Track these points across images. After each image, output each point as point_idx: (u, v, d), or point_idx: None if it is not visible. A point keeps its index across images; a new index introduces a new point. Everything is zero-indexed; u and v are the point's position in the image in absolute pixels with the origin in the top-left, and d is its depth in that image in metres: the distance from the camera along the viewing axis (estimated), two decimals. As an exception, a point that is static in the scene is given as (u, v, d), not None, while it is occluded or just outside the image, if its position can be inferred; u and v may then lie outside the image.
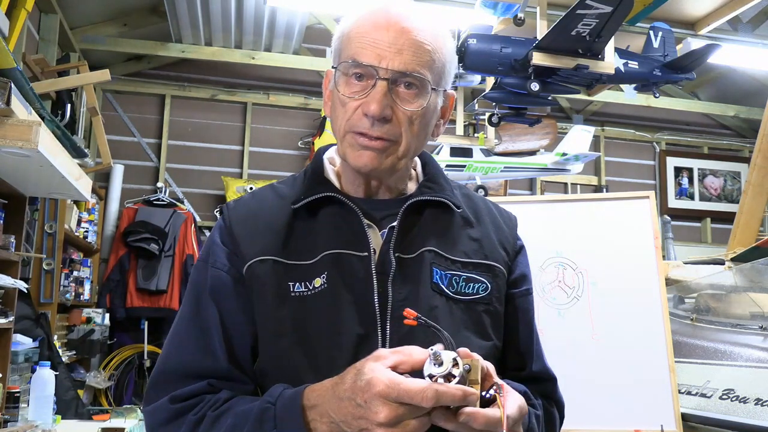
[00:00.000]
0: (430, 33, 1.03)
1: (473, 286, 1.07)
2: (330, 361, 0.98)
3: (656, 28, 4.94)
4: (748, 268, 3.41)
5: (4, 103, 2.09)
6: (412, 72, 1.01)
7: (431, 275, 1.05)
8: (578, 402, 2.57)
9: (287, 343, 1.01)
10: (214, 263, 1.07)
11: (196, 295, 1.07)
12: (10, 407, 2.61)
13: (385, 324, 1.01)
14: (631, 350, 2.59)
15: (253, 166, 6.05)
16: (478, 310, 1.07)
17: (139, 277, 5.23)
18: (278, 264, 1.04)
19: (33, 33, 4.36)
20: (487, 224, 1.15)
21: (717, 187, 7.22)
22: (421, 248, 1.06)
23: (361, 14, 1.05)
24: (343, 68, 1.03)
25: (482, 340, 1.06)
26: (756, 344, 2.71)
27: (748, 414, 2.38)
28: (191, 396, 1.00)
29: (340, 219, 1.07)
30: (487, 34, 4.52)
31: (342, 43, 1.06)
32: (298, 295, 1.02)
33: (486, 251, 1.11)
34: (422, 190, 1.11)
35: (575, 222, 2.80)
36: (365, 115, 1.01)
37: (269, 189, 1.15)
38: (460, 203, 1.13)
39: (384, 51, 1.00)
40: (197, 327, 1.05)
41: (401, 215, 1.06)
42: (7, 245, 2.74)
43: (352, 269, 1.03)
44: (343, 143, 1.05)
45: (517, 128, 6.03)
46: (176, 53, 5.63)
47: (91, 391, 4.92)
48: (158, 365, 1.06)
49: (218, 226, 1.12)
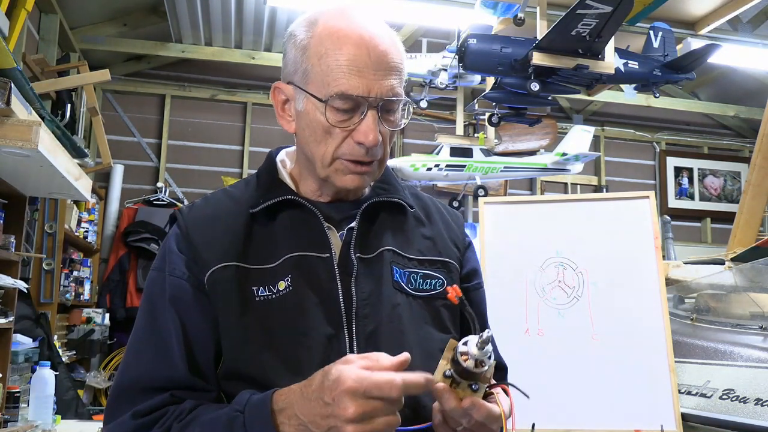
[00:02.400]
0: (397, 49, 1.05)
1: (431, 283, 1.10)
2: (300, 362, 0.99)
3: (656, 28, 4.94)
4: (748, 268, 3.41)
5: (4, 103, 2.09)
6: (395, 96, 1.03)
7: (392, 274, 1.07)
8: (578, 402, 2.57)
9: (256, 348, 1.00)
10: (173, 272, 1.04)
11: (152, 304, 1.05)
12: (10, 407, 2.61)
13: (351, 323, 1.02)
14: (631, 350, 2.59)
15: (253, 166, 6.05)
16: (436, 305, 1.10)
17: (139, 277, 5.24)
18: (240, 269, 1.03)
19: (33, 33, 4.35)
20: (437, 222, 1.18)
21: (717, 187, 7.22)
22: (379, 248, 1.08)
23: (330, 28, 1.03)
24: (330, 101, 1.01)
25: (442, 333, 1.09)
26: (756, 344, 2.71)
27: (748, 414, 2.38)
28: (154, 409, 0.97)
29: (300, 222, 1.07)
30: (487, 34, 4.52)
31: (310, 61, 1.02)
32: (263, 299, 1.02)
33: (439, 248, 1.14)
34: (377, 192, 1.13)
35: (575, 222, 2.81)
36: (358, 144, 1.02)
37: (222, 194, 1.14)
38: (412, 203, 1.16)
39: (371, 81, 1.00)
40: (155, 337, 1.02)
41: (360, 216, 1.08)
42: (7, 245, 2.74)
43: (315, 271, 1.04)
44: (329, 168, 1.05)
45: (517, 128, 6.03)
46: (176, 53, 5.63)
47: (91, 391, 4.92)
48: (117, 379, 1.03)
49: (173, 233, 1.08)
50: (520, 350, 2.62)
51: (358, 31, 1.01)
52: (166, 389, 0.99)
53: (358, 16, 1.04)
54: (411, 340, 1.04)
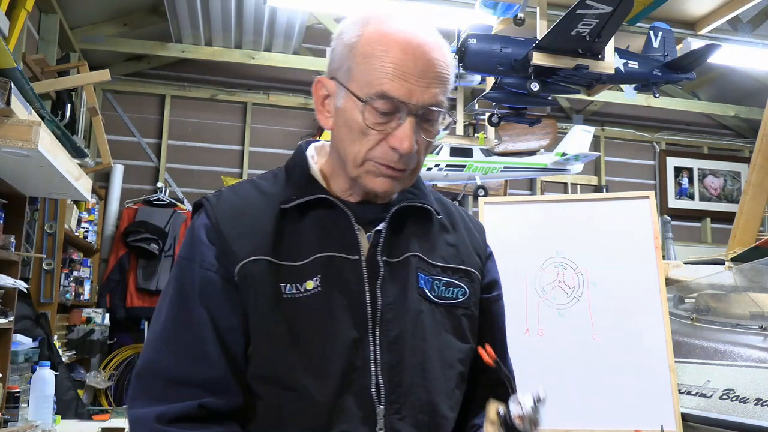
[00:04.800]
0: (444, 59, 1.03)
1: (453, 291, 1.10)
2: (324, 364, 0.99)
3: (656, 28, 4.93)
4: (748, 268, 3.41)
5: (4, 103, 2.09)
6: (437, 105, 1.01)
7: (417, 280, 1.06)
8: (578, 402, 2.57)
9: (282, 345, 1.00)
10: (202, 263, 1.03)
11: (184, 295, 1.03)
12: (10, 407, 2.61)
13: (375, 327, 1.02)
14: (631, 350, 2.59)
15: (253, 166, 6.05)
16: (457, 314, 1.10)
17: (139, 277, 5.23)
18: (271, 264, 1.02)
19: (33, 33, 4.35)
20: (461, 230, 1.18)
21: (717, 187, 7.22)
22: (406, 253, 1.07)
23: (380, 30, 1.01)
24: (370, 101, 0.99)
25: (462, 342, 1.09)
26: (756, 344, 2.70)
27: (748, 414, 2.38)
28: (181, 417, 0.96)
29: (330, 221, 1.06)
30: (487, 34, 4.52)
31: (356, 60, 1.01)
32: (290, 297, 1.01)
33: (462, 256, 1.14)
34: (406, 196, 1.11)
35: (575, 222, 2.80)
36: (392, 149, 1.00)
37: (250, 185, 1.11)
38: (439, 210, 1.15)
39: (414, 86, 0.98)
40: (187, 330, 1.01)
41: (389, 219, 1.07)
42: (7, 245, 2.73)
43: (344, 272, 1.03)
44: (359, 168, 1.03)
45: (517, 128, 6.03)
46: (176, 53, 5.62)
47: (91, 391, 4.92)
48: (143, 362, 1.02)
49: (202, 223, 1.06)
50: (520, 350, 2.59)
51: (406, 36, 1.00)
52: (197, 385, 0.98)
53: (408, 21, 1.03)
54: (432, 347, 1.04)
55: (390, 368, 1.01)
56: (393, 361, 1.01)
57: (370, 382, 1.00)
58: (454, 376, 1.07)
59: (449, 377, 1.06)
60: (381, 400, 1.00)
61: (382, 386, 1.00)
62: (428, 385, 1.03)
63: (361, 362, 1.00)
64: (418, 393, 1.02)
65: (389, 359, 1.01)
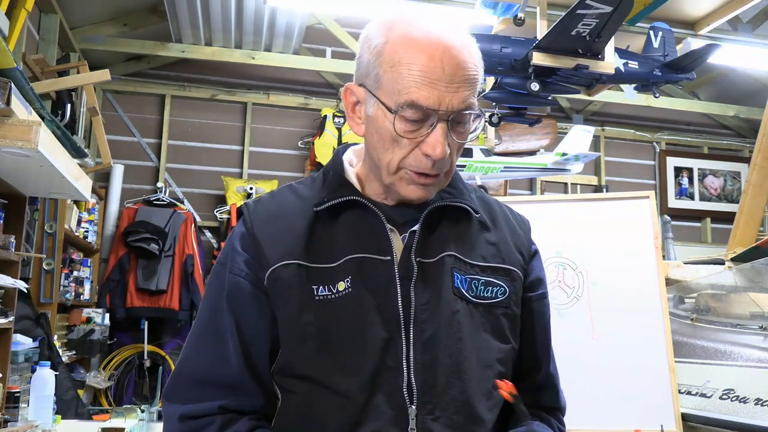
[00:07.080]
0: (473, 59, 1.01)
1: (492, 290, 1.08)
2: (356, 364, 1.00)
3: (656, 28, 4.93)
4: (748, 268, 3.41)
5: (4, 103, 2.09)
6: (467, 108, 1.01)
7: (452, 280, 1.06)
8: (578, 402, 2.56)
9: (312, 347, 1.01)
10: (232, 268, 1.07)
11: (215, 299, 1.08)
12: (10, 407, 2.61)
13: (409, 328, 1.02)
14: (631, 350, 2.59)
15: (253, 166, 6.05)
16: (497, 313, 1.08)
17: (139, 277, 5.23)
18: (302, 268, 1.04)
19: (33, 33, 4.35)
20: (503, 228, 1.16)
21: (717, 187, 7.22)
22: (441, 253, 1.07)
23: (405, 35, 1.00)
24: (399, 110, 0.99)
25: (501, 343, 1.08)
26: (756, 344, 2.71)
27: (748, 414, 2.38)
28: (199, 416, 1.02)
29: (362, 223, 1.07)
30: (487, 34, 4.52)
31: (383, 67, 1.00)
32: (323, 299, 1.02)
33: (503, 255, 1.12)
34: (442, 195, 1.10)
35: (575, 222, 2.80)
36: (425, 156, 1.00)
37: (288, 190, 1.14)
38: (478, 208, 1.13)
39: (443, 93, 0.97)
40: (213, 332, 1.06)
41: (423, 220, 1.07)
42: (7, 245, 2.73)
43: (376, 273, 1.04)
44: (394, 176, 1.04)
45: (517, 128, 6.04)
46: (176, 53, 5.62)
47: (91, 391, 4.93)
48: (178, 364, 1.09)
49: (239, 231, 1.10)
50: (520, 350, 2.62)
51: (432, 40, 0.98)
52: (216, 386, 1.03)
53: (434, 23, 1.01)
54: (468, 347, 1.04)
55: (423, 368, 1.01)
56: (426, 362, 1.01)
57: (401, 381, 1.00)
58: (492, 377, 1.06)
59: (487, 378, 1.05)
60: (413, 400, 1.00)
61: (414, 386, 1.00)
62: (464, 386, 1.03)
63: (393, 362, 1.00)
64: (453, 393, 1.02)
65: (423, 359, 1.01)
